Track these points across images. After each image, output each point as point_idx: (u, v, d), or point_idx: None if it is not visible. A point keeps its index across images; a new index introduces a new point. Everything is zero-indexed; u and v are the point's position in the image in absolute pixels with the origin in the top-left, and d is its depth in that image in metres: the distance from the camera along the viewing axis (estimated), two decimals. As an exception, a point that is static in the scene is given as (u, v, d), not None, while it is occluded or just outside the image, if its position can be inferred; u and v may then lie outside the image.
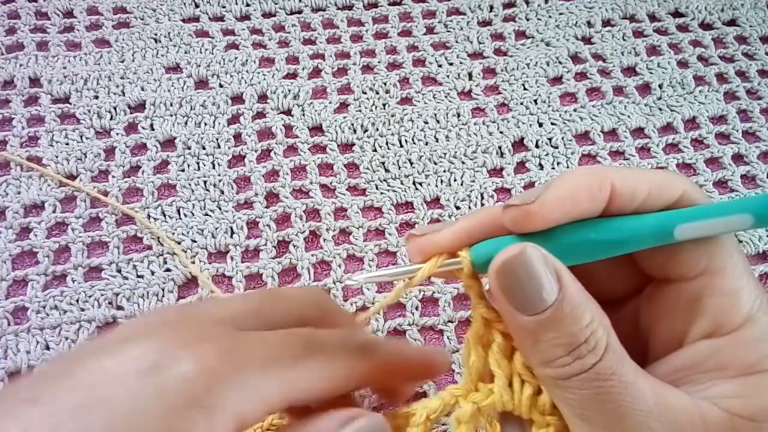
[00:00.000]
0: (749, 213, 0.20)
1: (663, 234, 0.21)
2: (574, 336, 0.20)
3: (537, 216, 0.21)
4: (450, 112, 0.47)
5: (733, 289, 0.21)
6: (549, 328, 0.20)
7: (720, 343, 0.21)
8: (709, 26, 0.54)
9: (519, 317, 0.20)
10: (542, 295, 0.20)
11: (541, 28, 0.53)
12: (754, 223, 0.20)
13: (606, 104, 0.48)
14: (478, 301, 0.22)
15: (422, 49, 0.51)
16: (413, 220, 0.42)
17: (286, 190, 0.43)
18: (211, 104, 0.47)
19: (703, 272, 0.22)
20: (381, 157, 0.45)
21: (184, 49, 0.50)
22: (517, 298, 0.20)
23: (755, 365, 0.20)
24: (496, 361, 0.22)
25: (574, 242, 0.21)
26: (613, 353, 0.20)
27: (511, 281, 0.20)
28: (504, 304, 0.21)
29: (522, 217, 0.21)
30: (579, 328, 0.20)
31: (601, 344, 0.20)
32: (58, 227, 0.41)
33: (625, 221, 0.21)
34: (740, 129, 0.47)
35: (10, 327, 0.37)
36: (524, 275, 0.20)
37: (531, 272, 0.20)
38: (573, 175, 0.21)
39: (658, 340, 0.23)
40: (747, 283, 0.22)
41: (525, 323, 0.20)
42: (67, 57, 0.49)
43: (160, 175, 0.44)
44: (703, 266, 0.22)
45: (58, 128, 0.45)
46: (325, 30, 0.52)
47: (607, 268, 0.23)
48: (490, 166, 0.45)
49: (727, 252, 0.22)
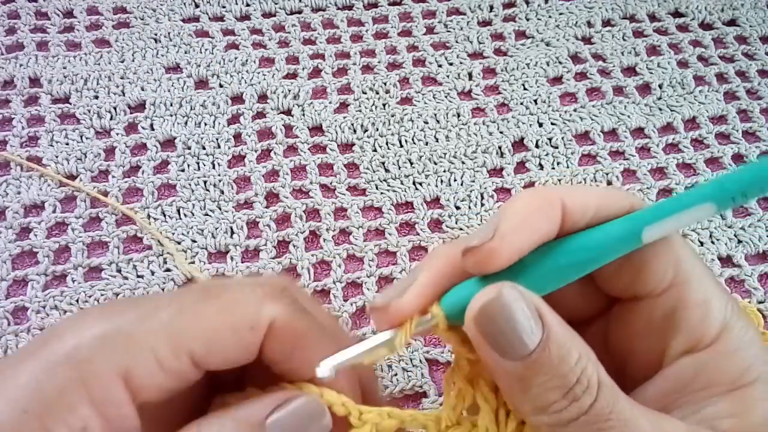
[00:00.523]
0: (710, 201, 0.19)
1: (630, 239, 0.20)
2: (566, 377, 0.18)
3: (500, 252, 0.19)
4: (450, 112, 0.47)
5: (703, 298, 0.21)
6: (538, 372, 0.19)
7: (703, 357, 0.21)
8: (709, 26, 0.54)
9: (505, 363, 0.19)
10: (526, 337, 0.18)
11: (541, 28, 0.53)
12: (717, 209, 0.20)
13: (606, 104, 0.48)
14: (461, 348, 0.21)
15: (422, 49, 0.51)
16: (413, 220, 0.42)
17: (286, 190, 0.43)
18: (211, 104, 0.47)
19: (671, 285, 0.21)
20: (381, 157, 0.45)
21: (184, 49, 0.50)
22: (499, 344, 0.19)
23: (741, 377, 0.20)
24: (483, 395, 0.21)
25: (544, 271, 0.20)
26: (607, 389, 0.19)
27: (491, 327, 0.19)
28: (487, 352, 0.19)
29: (485, 258, 0.19)
30: (569, 367, 0.19)
31: (593, 381, 0.19)
32: (58, 227, 0.41)
33: (588, 236, 0.21)
34: (740, 129, 0.47)
35: (10, 327, 0.37)
36: (504, 319, 0.19)
37: (511, 315, 0.18)
38: (522, 201, 0.20)
39: (637, 362, 0.22)
40: (715, 290, 0.21)
41: (512, 369, 0.19)
42: (67, 57, 0.49)
43: (160, 175, 0.44)
44: (670, 279, 0.21)
45: (58, 128, 0.45)
46: (325, 30, 0.52)
47: (570, 289, 0.22)
48: (490, 166, 0.45)
49: (690, 262, 0.21)
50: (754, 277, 0.40)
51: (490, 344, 0.19)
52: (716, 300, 0.21)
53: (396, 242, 0.41)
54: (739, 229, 0.42)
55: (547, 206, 0.20)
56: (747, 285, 0.40)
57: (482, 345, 0.19)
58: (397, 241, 0.41)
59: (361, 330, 0.38)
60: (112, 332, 0.17)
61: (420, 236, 0.42)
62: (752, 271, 0.41)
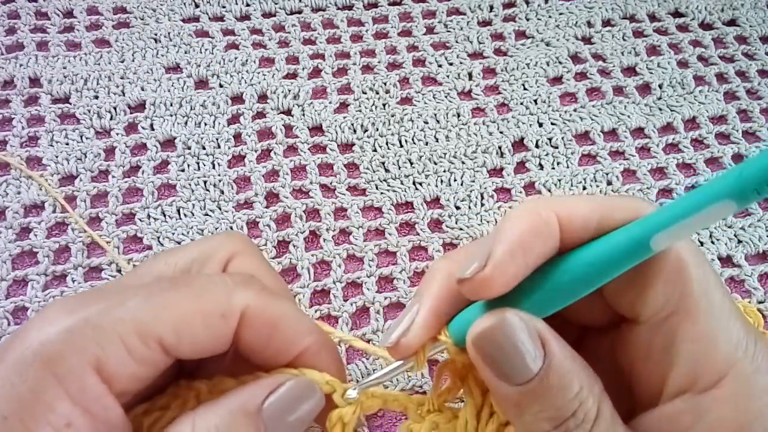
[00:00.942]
0: (728, 198, 0.16)
1: (638, 250, 0.18)
2: (561, 409, 0.18)
3: (494, 282, 0.19)
4: (450, 112, 0.47)
5: (708, 333, 0.19)
6: (534, 400, 0.18)
7: (703, 402, 0.19)
8: (709, 26, 0.54)
9: (502, 387, 0.19)
10: (526, 364, 0.18)
11: (541, 28, 0.53)
12: (737, 206, 0.16)
13: (606, 104, 0.48)
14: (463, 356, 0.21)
15: (422, 49, 0.51)
16: (413, 220, 0.42)
17: (286, 190, 0.43)
18: (211, 104, 0.47)
19: (673, 312, 0.19)
20: (381, 157, 0.45)
21: (184, 49, 0.50)
22: (499, 369, 0.18)
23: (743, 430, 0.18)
24: (470, 391, 0.21)
25: (547, 291, 0.19)
26: (605, 424, 0.18)
27: (491, 353, 0.19)
28: (486, 373, 0.19)
29: (479, 288, 0.19)
30: (567, 399, 0.18)
31: (590, 416, 0.18)
32: (58, 227, 0.41)
33: (591, 250, 0.19)
34: (740, 129, 0.47)
35: (10, 327, 0.37)
36: (506, 345, 0.18)
37: (512, 341, 0.18)
38: (514, 221, 0.19)
39: (641, 385, 0.21)
40: (726, 323, 0.19)
41: (508, 393, 0.18)
42: (67, 57, 0.49)
43: (160, 175, 0.44)
44: (674, 305, 0.19)
45: (58, 128, 0.45)
46: (325, 30, 0.52)
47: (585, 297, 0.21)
48: (490, 166, 0.45)
49: (701, 287, 0.19)
50: (754, 277, 0.40)
51: (490, 368, 0.19)
52: (725, 335, 0.19)
53: (396, 242, 0.41)
54: (739, 229, 0.42)
55: (543, 225, 0.19)
56: (747, 285, 0.40)
57: (482, 367, 0.19)
58: (397, 241, 0.41)
59: (361, 330, 0.38)
60: (78, 324, 0.17)
61: (420, 236, 0.42)
62: (752, 271, 0.41)
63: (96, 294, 0.19)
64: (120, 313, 0.18)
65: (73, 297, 0.19)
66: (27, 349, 0.17)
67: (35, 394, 0.16)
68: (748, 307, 0.36)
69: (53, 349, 0.17)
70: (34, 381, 0.16)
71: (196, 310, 0.19)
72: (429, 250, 0.41)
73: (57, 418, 0.16)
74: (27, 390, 0.16)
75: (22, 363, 0.16)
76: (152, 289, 0.19)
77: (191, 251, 0.22)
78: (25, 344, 0.17)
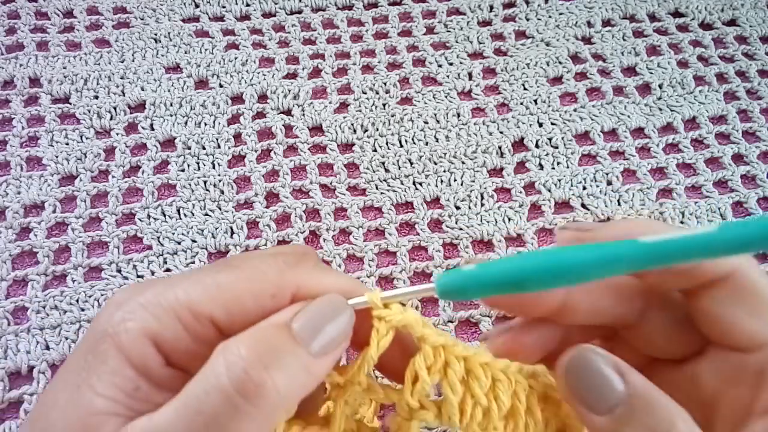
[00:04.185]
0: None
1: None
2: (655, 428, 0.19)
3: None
4: (450, 112, 0.47)
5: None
6: (626, 424, 0.19)
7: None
8: (709, 26, 0.54)
9: (594, 419, 0.20)
10: (613, 388, 0.19)
11: (541, 28, 0.53)
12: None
13: (606, 104, 0.48)
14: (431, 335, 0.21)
15: (422, 49, 0.51)
16: (413, 220, 0.42)
17: (286, 190, 0.43)
18: (211, 104, 0.47)
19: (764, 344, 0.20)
20: (381, 157, 0.45)
21: (184, 49, 0.50)
22: (587, 399, 0.20)
23: None
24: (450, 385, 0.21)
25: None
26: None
27: (578, 383, 0.20)
28: (578, 408, 0.20)
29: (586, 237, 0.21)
30: (656, 421, 0.19)
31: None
32: (58, 227, 0.41)
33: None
34: (740, 129, 0.47)
35: (10, 327, 0.37)
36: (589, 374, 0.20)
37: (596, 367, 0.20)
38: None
39: (726, 408, 0.22)
40: None
41: (601, 425, 0.20)
42: (67, 57, 0.49)
43: (160, 175, 0.44)
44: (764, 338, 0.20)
45: (58, 128, 0.45)
46: (325, 30, 0.52)
47: (665, 330, 0.22)
48: (490, 166, 0.45)
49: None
50: (754, 277, 0.40)
51: (578, 400, 0.20)
52: None
53: (396, 242, 0.41)
54: (739, 229, 0.42)
55: None
56: (747, 285, 0.40)
57: (572, 402, 0.20)
58: (397, 241, 0.41)
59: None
60: (139, 303, 0.19)
61: (420, 236, 0.42)
62: None
63: (158, 279, 0.20)
64: (175, 293, 0.19)
65: (137, 283, 0.21)
66: (96, 330, 0.19)
67: (103, 365, 0.18)
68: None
69: (117, 326, 0.18)
70: (102, 354, 0.18)
71: (246, 290, 0.19)
72: (429, 250, 0.41)
73: (124, 382, 0.18)
74: (96, 362, 0.18)
75: (93, 341, 0.18)
76: (207, 271, 0.20)
77: None
78: (95, 326, 0.19)
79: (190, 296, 0.19)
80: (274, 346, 0.18)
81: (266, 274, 0.20)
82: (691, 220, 0.43)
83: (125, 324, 0.18)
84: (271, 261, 0.20)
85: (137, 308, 0.19)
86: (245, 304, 0.19)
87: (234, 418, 0.17)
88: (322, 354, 0.19)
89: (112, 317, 0.18)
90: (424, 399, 0.21)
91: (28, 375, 0.37)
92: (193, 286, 0.19)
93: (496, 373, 0.21)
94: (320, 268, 0.21)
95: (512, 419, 0.21)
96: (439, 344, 0.20)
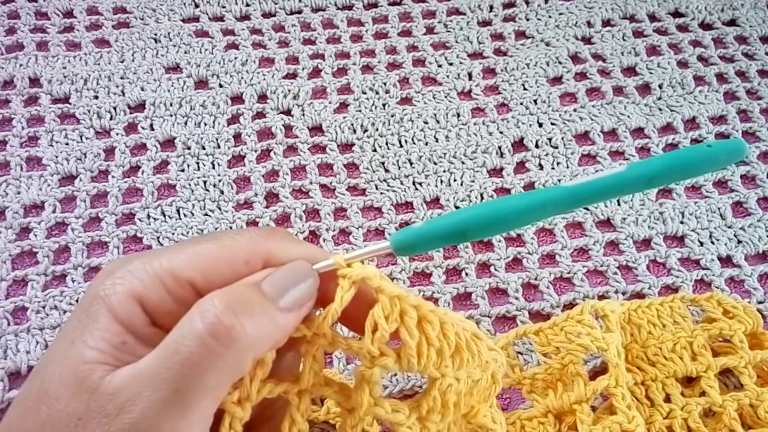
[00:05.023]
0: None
1: None
2: None
3: None
4: (450, 112, 0.47)
5: None
6: None
7: None
8: (709, 26, 0.54)
9: None
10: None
11: (541, 28, 0.53)
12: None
13: (606, 104, 0.48)
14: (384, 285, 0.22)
15: (422, 49, 0.51)
16: (413, 220, 0.42)
17: (286, 190, 0.43)
18: (211, 104, 0.47)
19: None
20: (381, 157, 0.45)
21: (184, 49, 0.50)
22: None
23: None
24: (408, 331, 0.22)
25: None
26: None
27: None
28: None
29: None
30: None
31: None
32: (58, 227, 0.41)
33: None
34: (740, 129, 0.47)
35: (10, 327, 0.37)
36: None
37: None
38: None
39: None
40: None
41: None
42: (67, 57, 0.49)
43: (160, 175, 0.44)
44: None
45: (58, 128, 0.45)
46: (325, 30, 0.52)
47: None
48: (490, 166, 0.45)
49: None
50: (754, 277, 0.40)
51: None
52: None
53: (396, 242, 0.41)
54: (739, 229, 0.42)
55: None
56: (747, 285, 0.40)
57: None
58: (397, 241, 0.41)
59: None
60: (127, 269, 0.21)
61: (420, 236, 0.41)
62: (752, 271, 0.41)
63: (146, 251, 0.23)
64: (159, 261, 0.21)
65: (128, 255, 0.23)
66: (89, 294, 0.21)
67: (95, 323, 0.20)
68: (747, 307, 0.36)
69: (107, 289, 0.21)
70: (94, 314, 0.20)
71: (222, 257, 0.22)
72: (429, 250, 0.41)
73: (112, 337, 0.20)
74: (89, 321, 0.20)
75: (87, 304, 0.21)
76: (189, 242, 0.22)
77: None
78: (88, 292, 0.21)
79: (173, 263, 0.21)
80: (245, 299, 0.20)
81: (240, 243, 0.22)
82: (691, 220, 0.43)
83: (114, 287, 0.21)
84: (245, 233, 0.23)
85: (126, 274, 0.21)
86: (221, 269, 0.21)
87: (207, 358, 0.19)
88: (288, 310, 0.21)
89: (103, 283, 0.21)
90: (383, 346, 0.22)
91: (27, 375, 0.36)
92: (175, 255, 0.21)
93: (443, 317, 0.23)
94: (289, 238, 0.23)
95: (458, 355, 0.23)
96: (395, 295, 0.22)
